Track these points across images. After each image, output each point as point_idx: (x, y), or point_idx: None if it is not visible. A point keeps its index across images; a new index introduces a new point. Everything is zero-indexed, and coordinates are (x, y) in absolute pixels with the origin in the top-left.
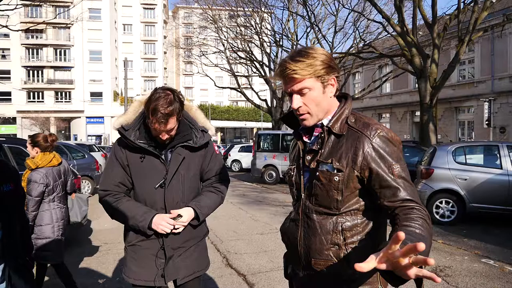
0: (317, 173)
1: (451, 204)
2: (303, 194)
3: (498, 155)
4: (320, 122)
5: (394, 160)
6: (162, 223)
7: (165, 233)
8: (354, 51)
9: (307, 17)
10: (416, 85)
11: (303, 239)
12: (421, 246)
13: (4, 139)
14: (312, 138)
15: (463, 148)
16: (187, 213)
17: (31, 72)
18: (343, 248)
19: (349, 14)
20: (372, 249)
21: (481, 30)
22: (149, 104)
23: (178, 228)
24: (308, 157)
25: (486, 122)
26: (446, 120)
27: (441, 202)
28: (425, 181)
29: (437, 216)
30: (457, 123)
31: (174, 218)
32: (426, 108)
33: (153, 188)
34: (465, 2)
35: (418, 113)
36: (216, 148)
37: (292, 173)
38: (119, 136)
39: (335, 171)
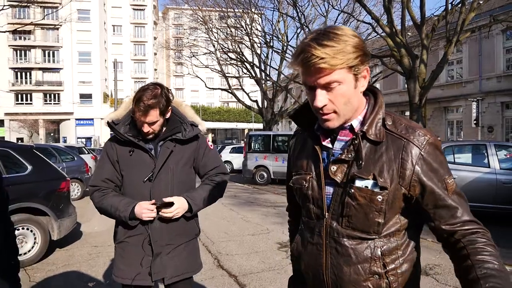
0: (352, 190)
1: None
2: (326, 214)
3: (486, 154)
4: (349, 124)
5: (446, 172)
6: (143, 211)
7: (151, 219)
8: None
9: (297, 18)
10: (406, 85)
11: (330, 268)
12: None
13: None
14: (338, 143)
15: (451, 147)
16: (179, 202)
17: (19, 74)
18: (384, 277)
19: (338, 15)
20: (414, 274)
21: (468, 31)
22: (136, 94)
23: (177, 215)
24: (334, 168)
25: (474, 122)
26: (435, 120)
27: None
28: None
29: None
30: (446, 122)
31: (159, 207)
32: (416, 108)
33: (141, 182)
34: (453, 3)
35: (407, 113)
36: (210, 143)
37: (306, 185)
38: (109, 137)
39: (378, 189)
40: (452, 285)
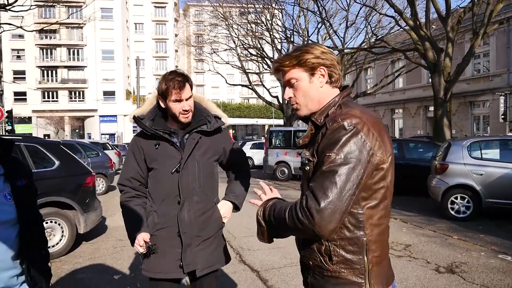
0: (301, 165)
1: (466, 200)
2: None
3: None
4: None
5: (332, 150)
6: (135, 245)
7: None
8: (366, 46)
9: (318, 12)
10: (430, 79)
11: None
12: None
13: (21, 137)
14: None
15: (478, 143)
16: (224, 208)
17: (45, 72)
18: (326, 244)
19: (360, 8)
20: (362, 251)
21: (496, 22)
22: (163, 81)
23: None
24: (301, 150)
25: (502, 117)
26: (461, 115)
27: (456, 198)
28: (439, 177)
29: (453, 212)
30: (472, 117)
31: (148, 246)
32: (440, 103)
33: (169, 173)
34: None
35: (431, 108)
36: (231, 137)
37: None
38: (132, 134)
39: (306, 161)
40: (479, 283)
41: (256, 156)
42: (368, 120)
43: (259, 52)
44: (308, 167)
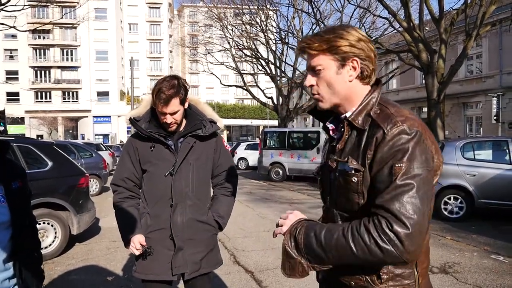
0: (336, 174)
1: (459, 200)
2: (328, 198)
3: (507, 150)
4: (344, 115)
5: (401, 159)
6: (130, 248)
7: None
8: None
9: (312, 14)
10: (423, 81)
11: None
12: None
13: (13, 138)
14: (338, 134)
15: (471, 143)
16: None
17: (38, 72)
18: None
19: (354, 10)
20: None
21: (489, 24)
22: (154, 88)
23: None
24: (331, 156)
25: (495, 118)
26: (454, 116)
27: (449, 198)
28: None
29: (445, 212)
30: (465, 118)
31: (144, 250)
32: (434, 104)
33: (163, 176)
34: None
35: (425, 109)
36: (225, 144)
37: (320, 172)
38: (126, 135)
39: (352, 171)
40: (472, 283)
41: (251, 157)
42: (420, 121)
43: (253, 53)
44: (355, 178)
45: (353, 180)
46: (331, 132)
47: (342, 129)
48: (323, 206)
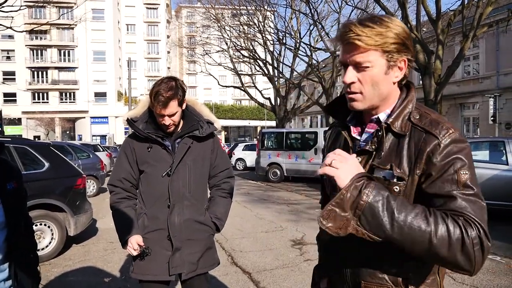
0: None
1: None
2: None
3: (504, 151)
4: (376, 116)
5: (462, 166)
6: (128, 249)
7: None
8: None
9: (310, 14)
10: (421, 81)
11: (351, 257)
12: None
13: (10, 139)
14: (364, 135)
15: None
16: None
17: (35, 73)
18: (401, 272)
19: (352, 11)
20: (435, 270)
21: (485, 25)
22: (152, 90)
23: None
24: (358, 159)
25: (492, 118)
26: (451, 117)
27: None
28: None
29: None
30: (462, 119)
31: (142, 250)
32: (431, 105)
33: (160, 177)
34: None
35: None
36: (222, 144)
37: None
38: (124, 135)
39: (395, 180)
40: (469, 283)
41: (249, 158)
42: None
43: (251, 54)
44: (398, 188)
45: (395, 189)
46: (353, 132)
47: (379, 133)
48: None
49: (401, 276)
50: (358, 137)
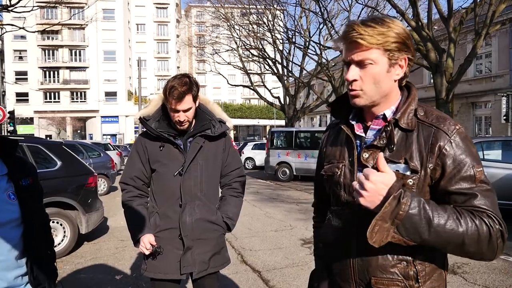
0: None
1: None
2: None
3: None
4: (381, 113)
5: (474, 161)
6: (140, 247)
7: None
8: None
9: (319, 13)
10: (432, 80)
11: (358, 253)
12: None
13: (23, 138)
14: (370, 132)
15: (480, 143)
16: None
17: (47, 72)
18: (412, 265)
19: (362, 9)
20: (441, 266)
21: (498, 23)
22: (166, 86)
23: None
24: (366, 154)
25: (504, 117)
26: (463, 116)
27: None
28: None
29: None
30: (473, 118)
31: (155, 249)
32: (442, 104)
33: (172, 176)
34: None
35: None
36: (233, 144)
37: (339, 172)
38: (134, 134)
39: (409, 173)
40: (481, 284)
41: (258, 157)
42: None
43: (260, 53)
44: (412, 181)
45: (409, 182)
46: (356, 130)
47: (388, 128)
48: (335, 209)
49: (411, 271)
50: (362, 134)
